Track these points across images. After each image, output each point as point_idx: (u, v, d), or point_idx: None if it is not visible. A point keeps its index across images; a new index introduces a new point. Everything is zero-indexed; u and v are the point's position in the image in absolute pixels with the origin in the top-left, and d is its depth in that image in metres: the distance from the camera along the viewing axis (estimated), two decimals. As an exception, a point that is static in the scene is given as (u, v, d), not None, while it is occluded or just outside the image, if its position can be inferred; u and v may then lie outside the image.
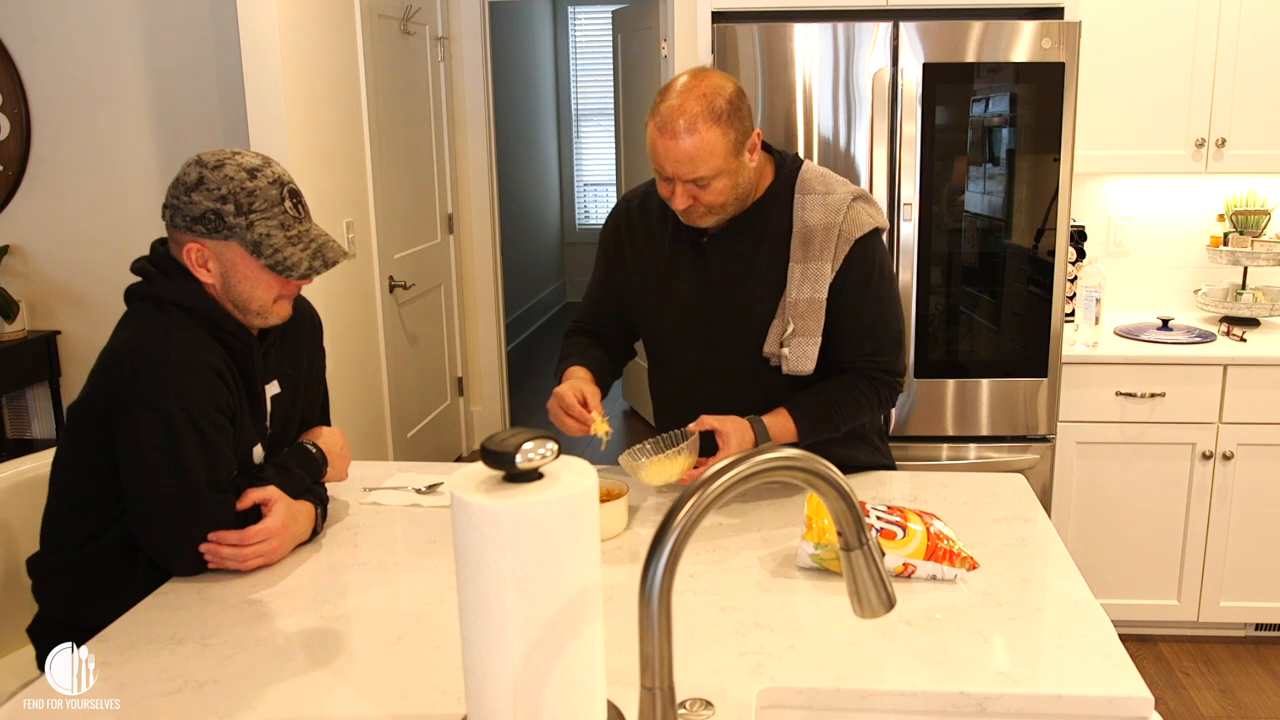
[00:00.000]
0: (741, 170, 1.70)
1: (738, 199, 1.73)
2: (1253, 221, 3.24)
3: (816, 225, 1.75)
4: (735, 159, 1.67)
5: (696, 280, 1.83)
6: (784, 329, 1.76)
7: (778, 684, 1.21)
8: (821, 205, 1.76)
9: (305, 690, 1.22)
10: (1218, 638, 3.09)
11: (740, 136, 1.66)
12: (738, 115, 1.65)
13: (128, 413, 1.48)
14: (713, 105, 1.62)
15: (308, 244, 1.56)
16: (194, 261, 1.54)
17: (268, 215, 1.52)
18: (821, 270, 1.74)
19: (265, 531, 1.52)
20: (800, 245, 1.75)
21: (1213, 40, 2.94)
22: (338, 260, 1.59)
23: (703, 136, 1.61)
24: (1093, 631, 1.32)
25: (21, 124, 3.64)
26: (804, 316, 1.75)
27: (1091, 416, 2.90)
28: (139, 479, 1.48)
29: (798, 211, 1.77)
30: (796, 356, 1.76)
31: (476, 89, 4.66)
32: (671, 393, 1.96)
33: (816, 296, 1.74)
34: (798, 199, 1.77)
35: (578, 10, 7.83)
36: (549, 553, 0.93)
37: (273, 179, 1.54)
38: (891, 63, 2.65)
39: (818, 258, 1.74)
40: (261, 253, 1.52)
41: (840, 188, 1.78)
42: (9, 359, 3.62)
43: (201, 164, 1.53)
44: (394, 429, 3.92)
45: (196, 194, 1.51)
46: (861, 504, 1.09)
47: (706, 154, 1.62)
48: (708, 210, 1.71)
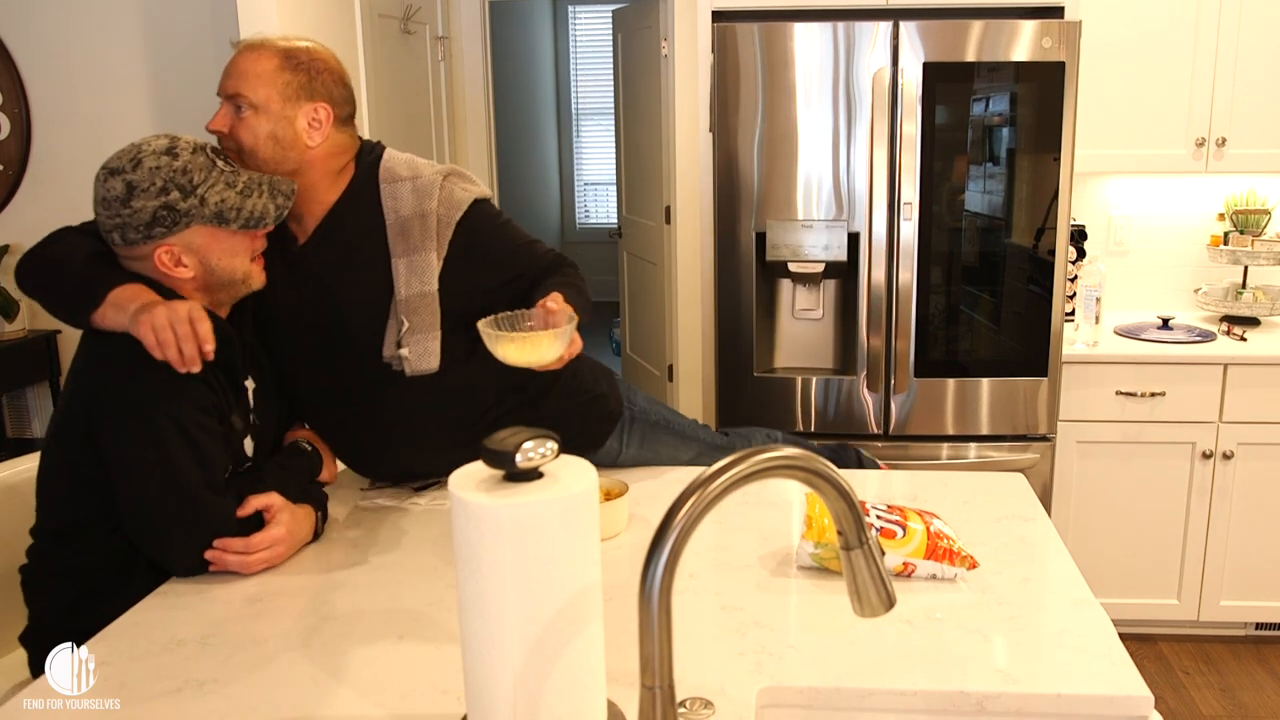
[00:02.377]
0: (285, 126, 1.60)
1: (273, 161, 1.61)
2: (1253, 221, 3.24)
3: (411, 214, 1.66)
4: (282, 104, 1.59)
5: (296, 296, 1.69)
6: (399, 328, 1.65)
7: (778, 683, 1.21)
8: (411, 191, 1.67)
9: (305, 690, 1.22)
10: (1218, 637, 3.09)
11: (299, 88, 1.60)
12: (308, 71, 1.61)
13: (112, 425, 1.46)
14: (291, 45, 1.62)
15: (256, 188, 1.55)
16: (169, 265, 1.51)
17: (210, 181, 1.50)
18: (428, 261, 1.65)
19: (271, 539, 1.52)
20: (399, 238, 1.65)
21: (1213, 40, 2.94)
22: (291, 192, 1.58)
23: (259, 54, 1.59)
24: (1093, 631, 1.32)
25: (21, 124, 3.64)
26: (418, 312, 1.64)
27: (1091, 416, 2.90)
28: (132, 489, 1.47)
29: (388, 202, 1.67)
30: (417, 355, 1.65)
31: (476, 89, 4.66)
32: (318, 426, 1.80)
33: (427, 290, 1.65)
34: (385, 189, 1.68)
35: (578, 10, 7.83)
36: (549, 552, 0.93)
37: (190, 148, 1.51)
38: (891, 62, 2.65)
39: (420, 249, 1.65)
40: (227, 219, 1.51)
41: (427, 169, 1.71)
42: (9, 359, 3.61)
43: (116, 173, 1.49)
44: (394, 429, 3.92)
45: (135, 201, 1.47)
46: (861, 503, 1.09)
47: (254, 73, 1.58)
48: (237, 151, 1.61)
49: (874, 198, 2.71)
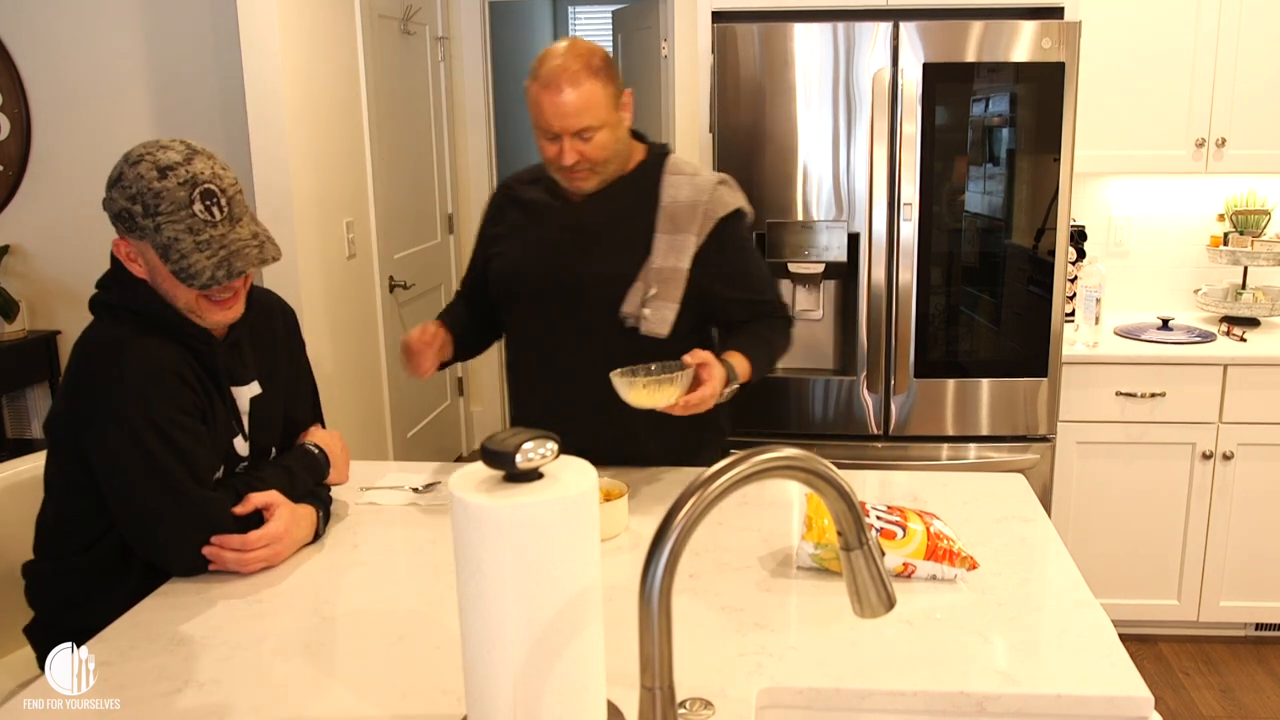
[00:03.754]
0: (620, 125, 1.83)
1: (617, 157, 1.85)
2: (1253, 221, 3.25)
3: (684, 202, 1.87)
4: (614, 112, 1.81)
5: (564, 236, 1.91)
6: (645, 291, 1.86)
7: (778, 684, 1.21)
8: (690, 185, 1.89)
9: (305, 690, 1.22)
10: (1218, 638, 3.09)
11: (616, 91, 1.81)
12: (612, 72, 1.80)
13: (93, 427, 1.46)
14: (590, 62, 1.76)
15: (215, 250, 1.46)
16: (124, 256, 1.51)
17: (174, 218, 1.44)
18: (686, 242, 1.86)
19: (268, 536, 1.52)
20: (668, 219, 1.87)
21: (1213, 40, 2.94)
22: (246, 269, 1.48)
23: (585, 88, 1.75)
24: (1093, 631, 1.32)
25: (21, 124, 3.64)
26: (666, 282, 1.85)
27: (1091, 416, 2.90)
28: (120, 490, 1.48)
29: (667, 190, 1.89)
30: (656, 319, 1.85)
31: (476, 89, 4.66)
32: (527, 358, 2.03)
33: (680, 265, 1.85)
34: (667, 179, 1.90)
35: (578, 10, 7.83)
36: (549, 553, 0.93)
37: (185, 179, 1.44)
38: (891, 63, 2.65)
39: (684, 230, 1.86)
40: (169, 257, 1.45)
41: (708, 173, 1.93)
42: (9, 359, 3.62)
43: (126, 159, 1.47)
44: (394, 429, 3.92)
45: (115, 190, 1.47)
46: (861, 504, 1.09)
47: (589, 104, 1.75)
48: (591, 168, 1.82)
49: (874, 198, 2.71)
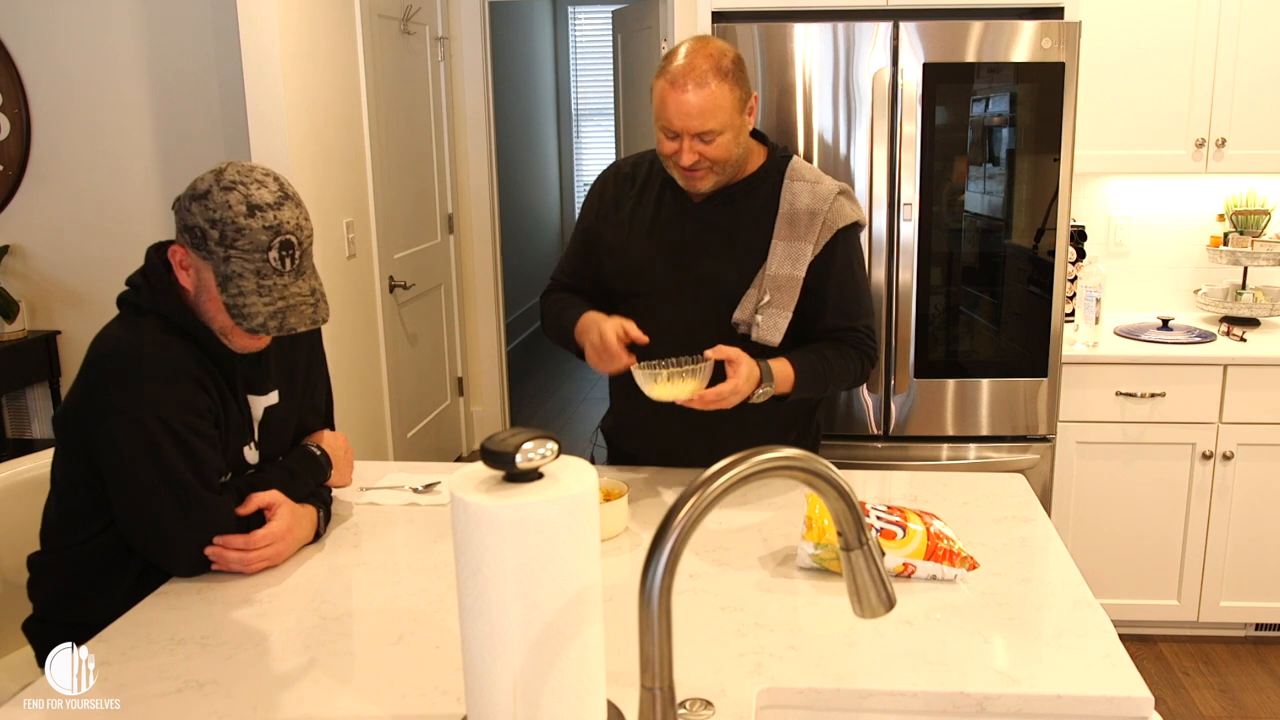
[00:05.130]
0: (743, 130, 1.79)
1: (736, 161, 1.80)
2: (1253, 221, 3.24)
3: (804, 209, 1.84)
4: (739, 116, 1.76)
5: (679, 240, 1.88)
6: (759, 299, 1.83)
7: (778, 684, 1.21)
8: (810, 193, 1.85)
9: (305, 690, 1.22)
10: (1218, 638, 3.09)
11: (743, 95, 1.76)
12: (741, 75, 1.76)
13: (103, 423, 1.47)
14: (719, 64, 1.72)
15: (274, 300, 1.48)
16: (177, 261, 1.52)
17: (247, 257, 1.46)
18: (803, 250, 1.83)
19: (270, 536, 1.52)
20: (786, 225, 1.84)
21: (1213, 40, 2.94)
22: (297, 328, 1.51)
23: (712, 90, 1.71)
24: (1093, 631, 1.32)
25: (21, 124, 3.64)
26: (780, 290, 1.82)
27: (1091, 416, 2.90)
28: (125, 487, 1.48)
29: (786, 195, 1.85)
30: (768, 326, 1.82)
31: (476, 89, 4.66)
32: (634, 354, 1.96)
33: (795, 274, 1.82)
34: (787, 184, 1.86)
35: (578, 10, 7.83)
36: (549, 553, 0.93)
37: (270, 224, 1.46)
38: (891, 63, 2.65)
39: (801, 239, 1.83)
40: (227, 289, 1.47)
41: (829, 181, 1.88)
42: (9, 359, 3.62)
43: (218, 178, 1.48)
44: (394, 429, 3.92)
45: (196, 205, 1.47)
46: (861, 504, 1.09)
47: (714, 107, 1.71)
48: (710, 168, 1.78)
49: (874, 198, 2.71)
